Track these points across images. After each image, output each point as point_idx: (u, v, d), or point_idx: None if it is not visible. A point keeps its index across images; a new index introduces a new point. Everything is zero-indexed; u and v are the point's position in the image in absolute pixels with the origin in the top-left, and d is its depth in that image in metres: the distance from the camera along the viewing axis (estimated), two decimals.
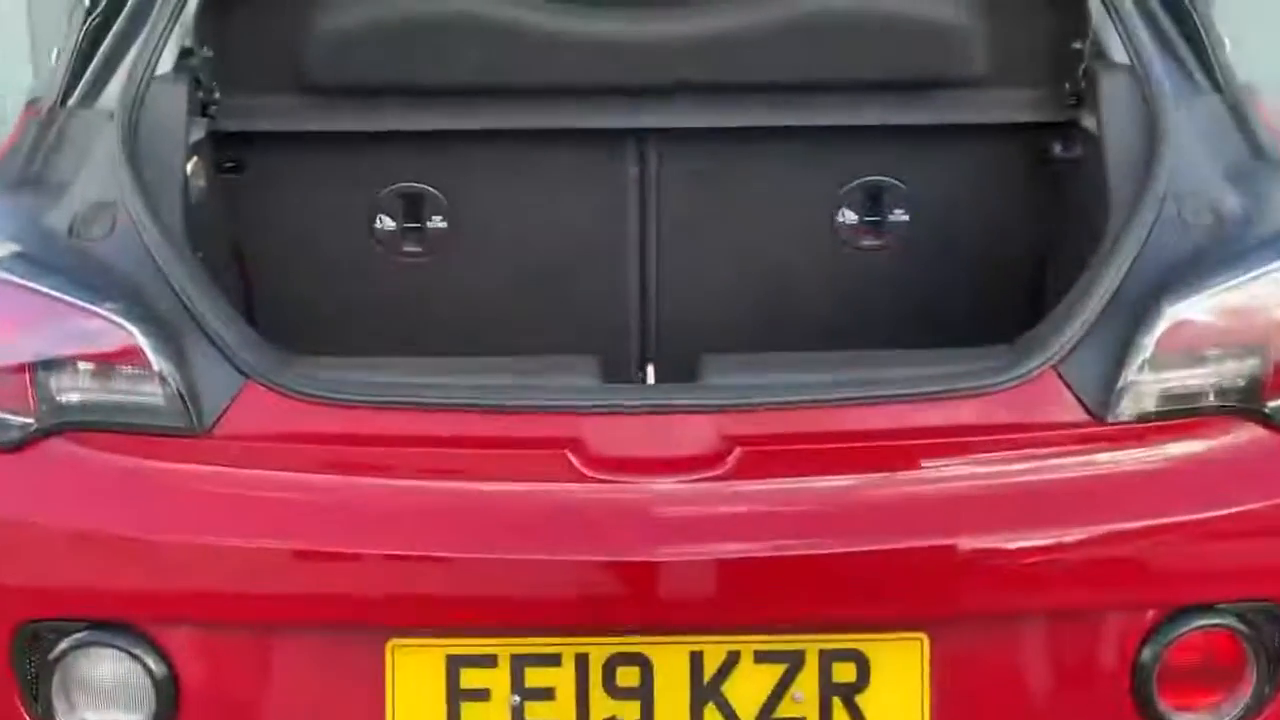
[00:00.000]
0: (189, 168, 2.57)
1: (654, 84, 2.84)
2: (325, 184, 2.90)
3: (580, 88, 2.83)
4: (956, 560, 2.23)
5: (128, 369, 2.28)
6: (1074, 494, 2.27)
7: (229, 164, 2.84)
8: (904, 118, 2.87)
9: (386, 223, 2.91)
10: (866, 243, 2.94)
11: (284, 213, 2.91)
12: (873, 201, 2.92)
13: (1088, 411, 2.29)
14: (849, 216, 2.93)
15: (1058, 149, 2.85)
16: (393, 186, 2.89)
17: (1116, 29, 2.63)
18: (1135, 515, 2.24)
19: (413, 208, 2.91)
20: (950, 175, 2.94)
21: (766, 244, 2.95)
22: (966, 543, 2.23)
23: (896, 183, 2.91)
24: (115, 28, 2.85)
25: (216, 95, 2.78)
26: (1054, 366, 2.29)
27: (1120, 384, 2.28)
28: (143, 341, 2.28)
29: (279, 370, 2.32)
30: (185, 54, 2.74)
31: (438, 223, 2.92)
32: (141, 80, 2.54)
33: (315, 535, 2.25)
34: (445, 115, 2.84)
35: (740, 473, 2.24)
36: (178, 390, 2.28)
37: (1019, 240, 2.93)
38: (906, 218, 2.93)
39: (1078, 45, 2.79)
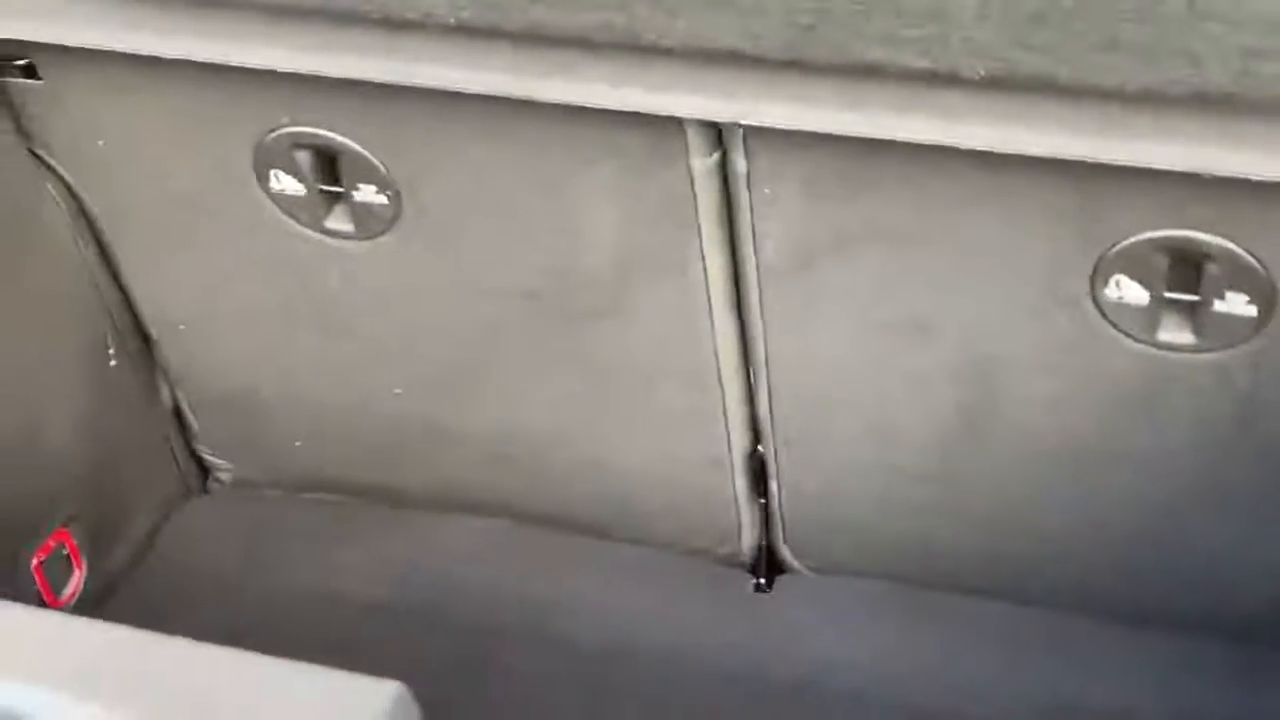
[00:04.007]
0: None
1: (755, 53, 1.42)
2: (167, 103, 1.70)
3: (616, 42, 1.44)
4: None
5: None
6: None
7: (12, 63, 1.70)
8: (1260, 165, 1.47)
9: (285, 182, 1.71)
10: (1167, 338, 1.71)
11: (110, 136, 1.74)
12: (1186, 273, 1.64)
13: None
14: (1130, 292, 1.65)
15: None
16: (286, 129, 1.65)
17: None
18: None
19: (326, 167, 1.69)
20: None
21: (961, 322, 1.75)
22: None
23: (1234, 248, 1.60)
24: None
25: None
26: None
27: None
28: None
29: None
30: None
31: (371, 195, 1.68)
32: None
33: None
34: (368, 57, 1.54)
35: None
36: None
37: None
38: (1254, 311, 1.63)
39: None
